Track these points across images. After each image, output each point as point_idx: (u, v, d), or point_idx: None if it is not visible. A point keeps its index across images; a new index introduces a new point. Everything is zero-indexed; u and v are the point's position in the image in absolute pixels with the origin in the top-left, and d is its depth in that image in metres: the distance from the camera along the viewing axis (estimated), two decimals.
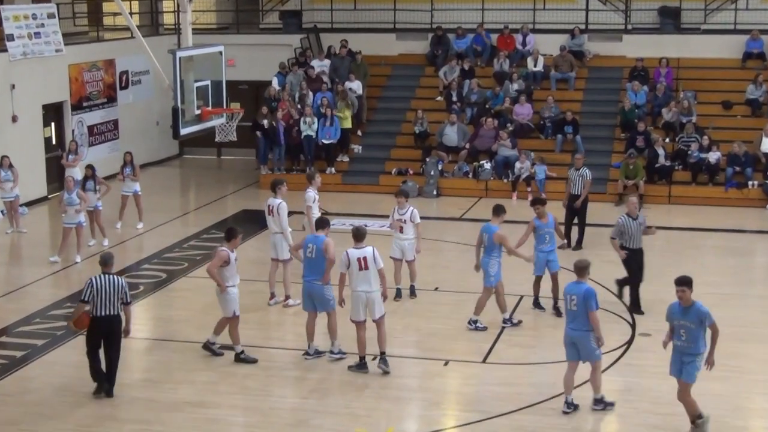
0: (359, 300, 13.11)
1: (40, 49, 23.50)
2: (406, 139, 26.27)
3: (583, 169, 19.30)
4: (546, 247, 15.46)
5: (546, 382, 12.93)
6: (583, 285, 11.81)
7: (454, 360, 13.79)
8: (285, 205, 15.88)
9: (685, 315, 11.05)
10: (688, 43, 27.33)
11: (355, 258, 12.99)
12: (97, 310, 12.28)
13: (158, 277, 17.82)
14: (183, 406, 12.37)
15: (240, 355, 13.68)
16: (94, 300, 12.25)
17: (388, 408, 12.33)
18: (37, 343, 14.51)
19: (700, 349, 11.11)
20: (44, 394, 12.74)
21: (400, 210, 16.16)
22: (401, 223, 16.08)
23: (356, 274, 13.01)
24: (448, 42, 28.13)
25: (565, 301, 11.94)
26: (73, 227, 18.45)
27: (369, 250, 13.05)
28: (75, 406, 12.37)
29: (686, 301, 11.02)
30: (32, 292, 17.09)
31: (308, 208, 16.91)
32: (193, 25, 17.74)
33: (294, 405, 12.48)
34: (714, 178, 23.58)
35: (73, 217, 18.38)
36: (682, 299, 11.04)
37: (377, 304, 13.12)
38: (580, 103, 26.62)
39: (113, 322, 12.38)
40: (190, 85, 16.03)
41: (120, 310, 12.41)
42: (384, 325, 13.26)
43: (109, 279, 12.35)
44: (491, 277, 14.68)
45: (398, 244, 16.14)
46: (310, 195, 16.97)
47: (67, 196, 18.41)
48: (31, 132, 23.53)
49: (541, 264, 15.48)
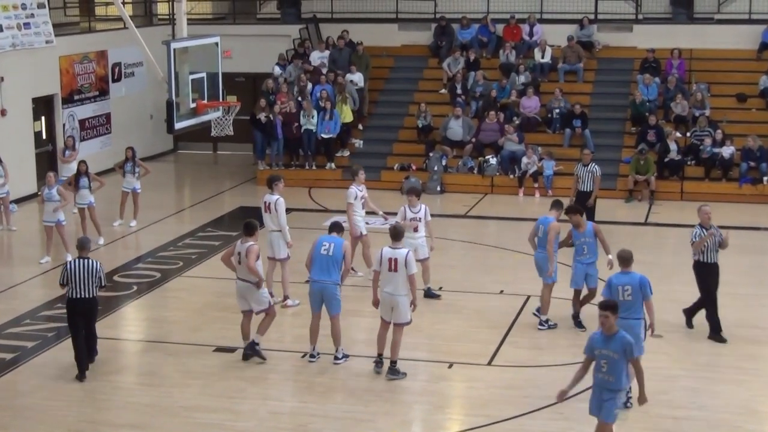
0: (384, 300, 13.19)
1: (30, 40, 23.51)
2: (408, 134, 26.27)
3: (592, 164, 19.30)
4: (585, 258, 14.80)
5: (554, 386, 12.92)
6: (635, 274, 12.05)
7: (458, 362, 13.81)
8: (282, 201, 15.89)
9: (607, 344, 10.17)
10: (702, 34, 27.32)
11: (387, 258, 13.05)
12: (73, 293, 13.16)
13: (152, 277, 17.84)
14: (178, 410, 12.39)
15: (256, 346, 13.71)
16: (70, 283, 13.12)
17: (391, 412, 12.34)
18: (27, 345, 14.53)
19: (622, 384, 10.30)
20: (35, 397, 12.76)
21: (413, 209, 16.09)
22: (416, 222, 16.02)
23: (385, 273, 13.07)
24: (452, 32, 28.12)
25: (615, 292, 11.96)
26: (53, 225, 18.45)
27: (402, 253, 13.05)
28: (67, 410, 12.39)
29: (609, 329, 10.15)
30: (22, 292, 17.11)
31: (349, 205, 16.86)
32: (188, 15, 17.73)
33: (293, 409, 12.50)
34: (728, 174, 23.59)
35: (52, 215, 18.40)
36: (604, 326, 10.16)
37: (401, 309, 13.08)
38: (589, 95, 26.61)
39: (89, 304, 13.26)
40: (185, 78, 16.03)
41: (96, 293, 13.30)
42: (401, 333, 13.23)
43: (85, 263, 13.17)
44: (546, 273, 14.82)
45: (410, 243, 15.83)
46: (352, 191, 16.92)
47: (47, 191, 18.43)
48: (21, 126, 23.54)
49: (580, 276, 14.83)
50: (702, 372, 13.45)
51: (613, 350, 10.13)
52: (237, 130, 18.24)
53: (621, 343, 10.12)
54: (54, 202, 18.34)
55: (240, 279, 13.68)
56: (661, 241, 20.36)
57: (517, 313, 15.52)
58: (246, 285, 13.62)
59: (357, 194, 16.94)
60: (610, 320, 10.13)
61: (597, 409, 10.43)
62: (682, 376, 13.14)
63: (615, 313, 10.20)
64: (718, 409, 11.52)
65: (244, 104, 19.20)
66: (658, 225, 21.21)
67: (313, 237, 19.96)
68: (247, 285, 13.61)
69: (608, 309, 10.18)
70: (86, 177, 19.61)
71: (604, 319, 10.12)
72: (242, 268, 13.56)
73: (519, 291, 16.59)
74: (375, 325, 14.31)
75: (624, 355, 10.11)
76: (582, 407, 12.26)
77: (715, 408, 11.46)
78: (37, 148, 24.17)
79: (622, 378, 10.19)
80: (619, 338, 10.14)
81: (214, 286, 16.92)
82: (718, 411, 11.51)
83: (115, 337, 14.98)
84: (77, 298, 13.15)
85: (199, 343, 14.51)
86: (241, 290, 13.71)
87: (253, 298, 13.67)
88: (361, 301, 15.83)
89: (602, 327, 10.19)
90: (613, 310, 10.20)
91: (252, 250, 13.47)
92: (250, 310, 13.75)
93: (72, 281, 13.10)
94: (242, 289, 13.68)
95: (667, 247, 20.16)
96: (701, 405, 12.35)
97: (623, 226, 20.69)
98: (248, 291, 13.64)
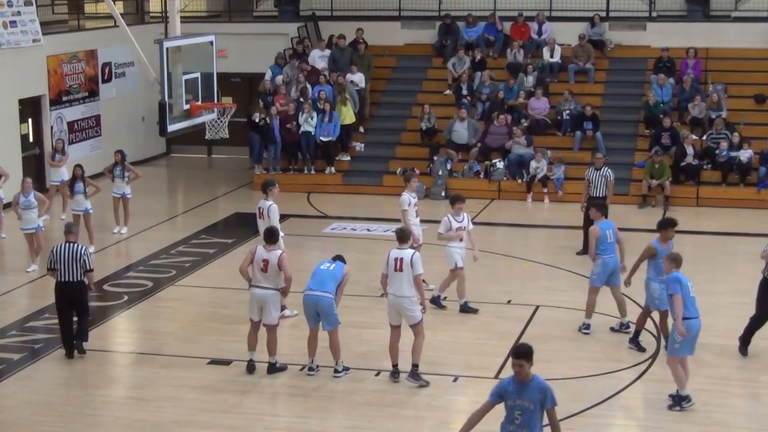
0: (390, 303, 13.36)
1: (16, 39, 23.55)
2: (411, 136, 26.29)
3: (604, 169, 19.26)
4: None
5: (563, 399, 12.90)
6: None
7: (464, 375, 13.81)
8: (276, 207, 15.88)
9: (521, 393, 9.33)
10: (718, 32, 27.33)
11: (393, 258, 13.26)
12: (60, 276, 14.14)
13: (144, 286, 17.84)
14: (170, 426, 12.38)
15: (276, 365, 13.80)
16: (57, 267, 14.10)
17: (394, 428, 12.33)
18: (13, 358, 14.53)
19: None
20: (21, 412, 12.75)
21: (457, 217, 16.14)
22: (462, 231, 16.10)
23: (391, 274, 13.26)
24: (457, 31, 28.15)
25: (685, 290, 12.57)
26: (32, 232, 18.51)
27: (408, 253, 13.25)
28: (54, 426, 12.38)
29: (524, 377, 9.31)
30: (8, 301, 17.12)
31: (404, 212, 16.76)
32: (182, 13, 17.80)
33: (290, 424, 12.49)
34: (745, 178, 23.59)
35: (30, 221, 18.46)
36: (518, 375, 9.29)
37: (408, 310, 13.22)
38: (601, 97, 26.63)
39: (75, 287, 14.19)
40: (178, 78, 16.06)
41: (82, 276, 14.17)
42: (420, 335, 13.35)
43: (70, 247, 14.15)
44: (593, 276, 15.09)
45: (459, 253, 16.04)
46: (405, 198, 16.83)
47: (23, 199, 18.49)
48: (7, 129, 23.57)
49: (659, 294, 14.11)
50: (717, 386, 13.46)
51: (528, 400, 9.31)
52: (232, 133, 18.27)
53: (538, 391, 9.31)
54: (32, 210, 18.41)
55: (259, 287, 13.60)
56: (676, 249, 20.26)
57: (526, 324, 15.50)
58: (267, 293, 13.56)
59: (411, 201, 16.87)
60: (525, 369, 9.26)
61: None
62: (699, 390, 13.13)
63: (530, 361, 9.28)
64: (732, 426, 11.51)
65: (240, 106, 19.22)
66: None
67: (311, 244, 20.17)
68: (269, 293, 13.56)
69: (522, 357, 9.26)
70: (82, 182, 19.65)
71: (519, 368, 9.24)
72: (265, 276, 13.52)
73: (527, 301, 16.58)
74: (376, 337, 14.37)
75: (540, 405, 9.31)
76: (593, 423, 12.29)
77: (730, 423, 11.45)
78: (24, 151, 24.19)
79: (536, 430, 9.33)
80: (535, 386, 9.31)
81: (209, 296, 16.92)
82: (732, 427, 11.49)
83: (105, 349, 14.98)
84: (64, 281, 14.12)
85: (193, 355, 14.51)
86: (258, 298, 13.62)
87: (270, 307, 13.61)
88: (361, 313, 15.86)
89: (516, 376, 9.30)
90: (528, 358, 9.27)
91: (284, 258, 13.55)
92: (260, 320, 13.74)
93: (59, 264, 14.07)
94: (261, 296, 13.59)
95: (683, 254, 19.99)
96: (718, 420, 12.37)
97: (636, 233, 20.62)
98: (267, 300, 13.59)
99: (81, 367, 14.15)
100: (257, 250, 13.69)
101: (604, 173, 19.18)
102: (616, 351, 14.63)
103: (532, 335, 15.19)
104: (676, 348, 12.54)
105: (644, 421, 12.56)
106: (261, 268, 13.51)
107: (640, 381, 13.61)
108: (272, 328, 13.72)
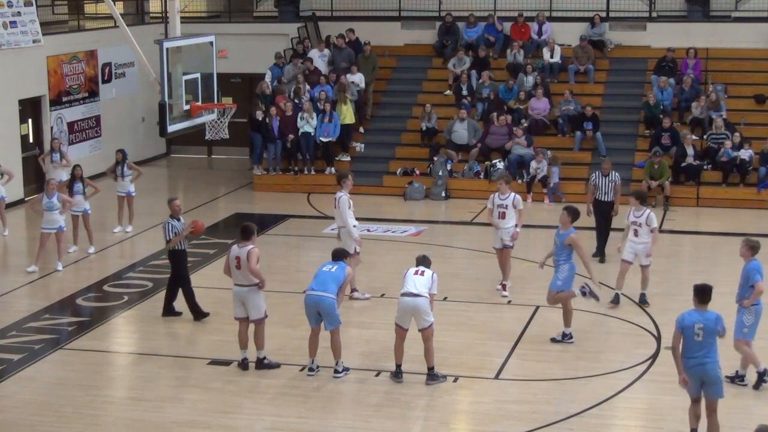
0: (404, 305, 13.29)
1: (16, 39, 23.55)
2: (412, 137, 26.29)
3: (612, 173, 19.03)
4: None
5: (563, 400, 12.95)
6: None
7: (464, 376, 13.80)
8: (346, 198, 16.29)
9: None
10: (718, 32, 27.32)
11: (413, 272, 13.40)
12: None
13: (144, 287, 17.85)
14: (170, 426, 12.38)
15: (264, 361, 13.85)
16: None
17: (394, 428, 12.33)
18: (13, 358, 14.52)
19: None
20: (21, 413, 12.74)
21: (501, 196, 16.77)
22: (503, 209, 16.71)
23: (410, 276, 13.33)
24: (457, 31, 28.15)
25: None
26: (52, 232, 18.47)
27: (428, 272, 13.41)
28: (54, 427, 12.38)
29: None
30: (8, 302, 17.10)
31: (347, 213, 16.61)
32: (182, 13, 17.77)
33: (291, 425, 12.47)
34: (746, 179, 23.58)
35: (53, 221, 18.42)
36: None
37: (425, 313, 13.20)
38: (601, 97, 26.62)
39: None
40: (178, 79, 16.06)
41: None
42: (430, 340, 13.31)
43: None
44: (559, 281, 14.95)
45: (497, 233, 16.85)
46: (345, 199, 16.64)
47: (47, 200, 18.43)
48: (7, 129, 23.57)
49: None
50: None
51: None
52: (232, 134, 18.26)
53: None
54: (55, 210, 18.39)
55: (238, 285, 13.76)
56: (676, 249, 20.34)
57: (526, 324, 15.50)
58: (244, 290, 13.70)
59: (350, 202, 16.90)
60: None
61: None
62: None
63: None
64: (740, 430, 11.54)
65: (240, 106, 19.21)
66: (674, 232, 21.17)
67: (311, 245, 20.17)
68: (246, 290, 13.69)
69: None
70: (81, 182, 19.65)
71: None
72: (241, 273, 13.65)
73: (527, 302, 16.57)
74: (377, 337, 14.38)
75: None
76: (593, 423, 12.30)
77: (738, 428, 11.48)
78: (24, 152, 24.19)
79: None
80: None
81: (209, 296, 16.90)
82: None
83: (105, 350, 14.99)
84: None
85: (193, 355, 14.51)
86: (239, 296, 13.78)
87: (252, 303, 13.74)
88: (362, 313, 15.86)
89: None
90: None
91: (252, 252, 13.65)
92: (247, 317, 13.81)
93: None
94: (241, 294, 13.76)
95: (683, 255, 20.14)
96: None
97: None
98: (247, 296, 13.72)
99: (81, 367, 14.15)
100: (232, 248, 13.85)
101: (612, 178, 18.95)
102: (615, 351, 14.65)
103: (532, 336, 15.21)
104: (744, 332, 13.05)
105: (644, 422, 12.55)
106: (235, 265, 13.70)
107: (640, 381, 13.60)
108: (259, 321, 13.81)
